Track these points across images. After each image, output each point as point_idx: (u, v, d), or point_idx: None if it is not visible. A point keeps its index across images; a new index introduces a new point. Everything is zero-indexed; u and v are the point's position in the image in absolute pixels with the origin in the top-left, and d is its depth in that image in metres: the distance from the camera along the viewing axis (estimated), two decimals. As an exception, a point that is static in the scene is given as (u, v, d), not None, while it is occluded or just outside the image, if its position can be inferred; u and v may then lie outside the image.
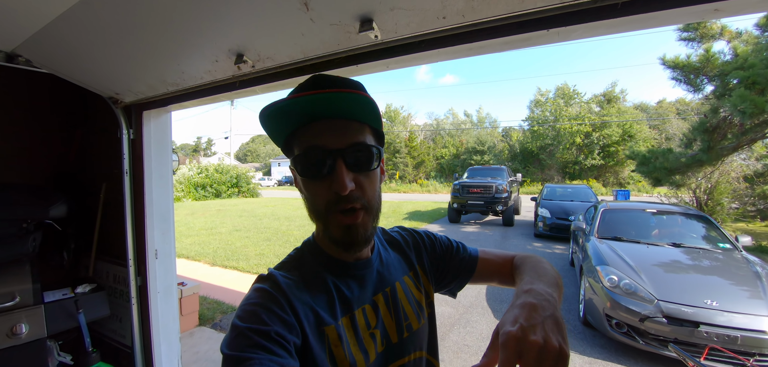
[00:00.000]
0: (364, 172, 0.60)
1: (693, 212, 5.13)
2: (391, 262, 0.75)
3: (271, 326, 0.51)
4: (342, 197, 0.57)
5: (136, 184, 2.19)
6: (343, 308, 0.63)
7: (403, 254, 0.80)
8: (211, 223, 11.35)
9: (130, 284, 2.20)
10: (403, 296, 0.72)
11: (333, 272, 0.65)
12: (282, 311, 0.54)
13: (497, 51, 1.12)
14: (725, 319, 2.95)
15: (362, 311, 0.65)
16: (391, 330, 0.67)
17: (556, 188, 11.22)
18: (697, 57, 6.39)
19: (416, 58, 1.20)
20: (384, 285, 0.70)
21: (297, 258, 0.68)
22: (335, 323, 0.60)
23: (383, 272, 0.72)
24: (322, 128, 0.57)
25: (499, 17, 0.91)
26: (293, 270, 0.64)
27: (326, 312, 0.60)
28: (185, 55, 1.42)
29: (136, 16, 1.18)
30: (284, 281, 0.59)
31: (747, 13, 0.90)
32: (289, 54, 1.27)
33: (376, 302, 0.67)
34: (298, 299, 0.58)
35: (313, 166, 0.58)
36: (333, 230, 0.60)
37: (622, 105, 32.72)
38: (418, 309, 0.73)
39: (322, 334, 0.58)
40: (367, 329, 0.64)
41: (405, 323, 0.69)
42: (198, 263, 6.43)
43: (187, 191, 22.99)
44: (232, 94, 1.72)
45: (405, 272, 0.77)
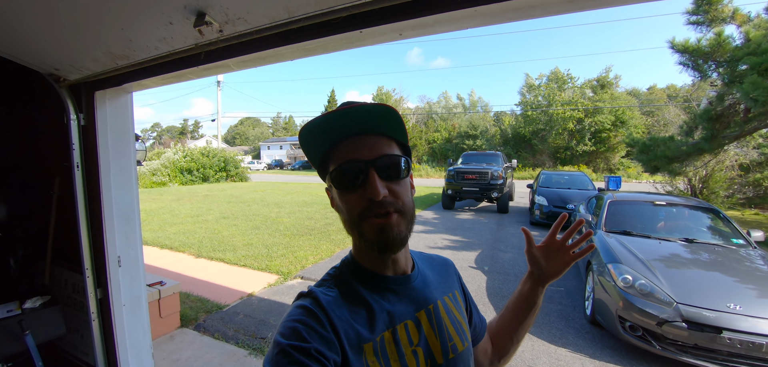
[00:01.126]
0: (395, 181, 0.61)
1: (703, 205, 4.93)
2: (432, 280, 0.74)
3: (311, 343, 0.53)
4: (375, 203, 0.58)
5: (90, 179, 1.82)
6: (384, 324, 0.62)
7: (443, 275, 0.80)
8: (197, 209, 10.90)
9: (89, 298, 1.85)
10: (445, 315, 0.70)
11: (372, 287, 0.65)
12: (322, 328, 0.55)
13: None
14: (750, 325, 2.75)
15: (405, 326, 0.64)
16: (436, 350, 0.65)
17: (552, 175, 11.02)
18: (708, 41, 6.11)
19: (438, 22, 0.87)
20: (427, 302, 0.69)
21: (336, 276, 0.67)
22: (373, 339, 0.59)
23: (425, 289, 0.70)
24: (355, 144, 0.61)
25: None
26: (333, 287, 0.64)
27: (365, 328, 0.60)
28: (128, 16, 1.05)
29: None
30: (324, 298, 0.60)
31: None
32: (268, 12, 0.92)
33: (419, 319, 0.66)
34: (337, 316, 0.58)
35: (348, 178, 0.61)
36: (367, 233, 0.60)
37: (615, 91, 32.66)
38: (461, 331, 0.71)
39: (361, 350, 0.58)
40: (409, 346, 0.62)
41: (450, 343, 0.67)
42: (182, 254, 6.06)
43: (173, 176, 22.29)
44: (199, 70, 1.36)
45: (446, 292, 0.76)
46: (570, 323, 3.88)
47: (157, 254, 6.05)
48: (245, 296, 4.32)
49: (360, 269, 0.66)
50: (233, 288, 4.51)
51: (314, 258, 5.81)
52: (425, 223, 9.60)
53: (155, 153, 27.78)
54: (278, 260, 5.65)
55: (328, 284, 0.66)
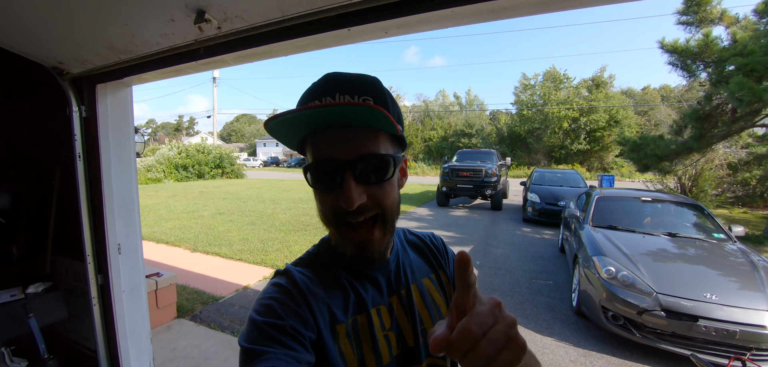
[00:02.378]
0: (377, 184, 0.56)
1: (688, 201, 5.08)
2: (409, 263, 0.73)
3: (287, 320, 0.52)
4: (350, 211, 0.54)
5: (91, 169, 1.89)
6: (357, 307, 0.62)
7: (424, 257, 0.77)
8: (193, 205, 10.94)
9: (90, 283, 1.92)
10: (419, 299, 0.69)
11: (349, 270, 0.64)
12: (297, 306, 0.55)
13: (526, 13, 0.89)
14: (725, 313, 2.88)
15: (377, 311, 0.63)
16: (408, 334, 0.65)
17: (545, 172, 11.18)
18: (696, 42, 6.25)
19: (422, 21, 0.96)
20: (400, 287, 0.68)
21: (314, 255, 0.67)
22: (346, 322, 0.59)
23: (400, 273, 0.69)
24: (333, 138, 0.55)
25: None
26: (309, 267, 0.63)
27: (340, 310, 0.59)
28: (132, 13, 1.13)
29: None
30: (300, 277, 0.60)
31: None
32: (263, 11, 1.01)
33: (392, 304, 0.66)
34: (313, 296, 0.58)
35: (322, 179, 0.56)
36: (345, 246, 0.59)
37: (610, 91, 32.96)
38: (437, 314, 0.70)
39: (335, 331, 0.57)
40: (381, 330, 0.62)
41: (421, 327, 0.66)
42: (178, 249, 6.12)
43: (168, 172, 22.22)
44: (198, 64, 1.44)
45: (425, 274, 0.74)
46: (557, 315, 4.01)
47: (154, 248, 6.11)
48: (241, 288, 4.40)
49: (337, 253, 0.65)
50: (229, 281, 4.59)
51: (309, 252, 5.91)
52: (420, 219, 9.72)
53: (150, 149, 27.65)
54: (273, 254, 5.74)
55: (305, 263, 0.65)
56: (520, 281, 5.04)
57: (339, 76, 0.57)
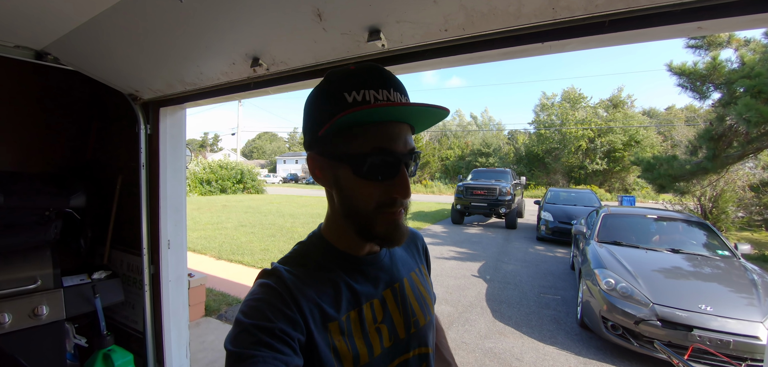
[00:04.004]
0: (411, 176, 0.62)
1: (694, 219, 5.16)
2: (399, 257, 0.76)
3: (276, 322, 0.51)
4: (396, 200, 0.57)
5: (151, 177, 2.30)
6: (350, 303, 0.62)
7: (411, 250, 0.82)
8: (217, 218, 11.51)
9: (144, 272, 2.31)
10: (410, 291, 0.72)
11: (341, 267, 0.64)
12: (286, 308, 0.54)
13: (495, 60, 1.21)
14: (719, 324, 3.00)
15: (370, 305, 0.64)
16: (399, 326, 0.67)
17: (559, 192, 11.24)
18: (704, 65, 6.40)
19: (419, 66, 1.29)
20: (393, 280, 0.70)
21: (302, 253, 0.66)
22: (339, 318, 0.59)
23: (392, 267, 0.72)
24: (391, 132, 0.57)
25: (497, 31, 0.99)
26: (298, 265, 0.62)
27: (331, 307, 0.59)
28: (204, 58, 1.52)
29: (161, 20, 1.28)
30: (288, 277, 0.58)
31: (726, 31, 0.98)
32: (302, 59, 1.36)
33: (385, 297, 0.67)
34: (302, 295, 0.57)
35: (381, 169, 0.56)
36: (379, 227, 0.59)
37: (629, 110, 32.50)
38: (424, 305, 0.73)
39: (327, 328, 0.57)
40: (373, 323, 0.63)
41: (412, 318, 0.69)
42: (204, 256, 6.56)
43: (193, 186, 23.22)
44: (245, 94, 1.82)
45: (412, 268, 0.78)
46: (561, 326, 4.16)
47: (183, 255, 6.58)
48: (263, 292, 4.75)
49: (329, 248, 0.65)
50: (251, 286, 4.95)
51: (326, 262, 6.22)
52: (434, 236, 9.92)
53: (176, 165, 28.92)
54: (293, 262, 6.09)
55: (293, 261, 0.64)
56: (528, 295, 5.19)
57: (384, 71, 0.60)
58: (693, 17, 0.87)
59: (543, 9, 0.88)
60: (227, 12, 1.17)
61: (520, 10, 0.90)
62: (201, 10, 1.19)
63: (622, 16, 0.88)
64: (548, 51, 1.09)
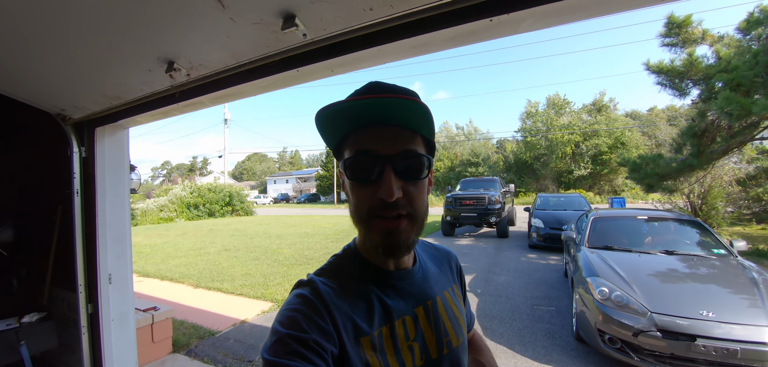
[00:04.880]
0: (412, 181, 0.59)
1: (685, 218, 5.02)
2: (432, 275, 0.74)
3: (310, 333, 0.52)
4: (387, 204, 0.56)
5: (87, 204, 2.05)
6: (382, 318, 0.61)
7: (445, 268, 0.80)
8: (200, 243, 11.12)
9: (80, 312, 2.04)
10: (443, 310, 0.70)
11: (373, 280, 0.64)
12: (320, 319, 0.55)
13: (444, 48, 1.02)
14: (723, 331, 2.79)
15: (402, 322, 0.63)
16: (431, 345, 0.65)
17: (548, 197, 11.14)
18: (681, 61, 6.40)
19: (359, 59, 1.10)
20: (425, 298, 0.68)
21: (336, 265, 0.67)
22: (371, 333, 0.59)
23: (425, 284, 0.70)
24: (374, 134, 0.57)
25: (430, 6, 0.80)
26: (332, 278, 0.63)
27: (364, 322, 0.59)
28: (116, 66, 1.31)
29: (57, 25, 1.08)
30: (323, 288, 0.59)
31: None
32: (221, 59, 1.16)
33: (417, 314, 0.65)
34: (336, 307, 0.57)
35: (362, 171, 0.58)
36: (373, 234, 0.59)
37: (613, 113, 33.03)
38: (457, 326, 0.71)
39: (359, 343, 0.57)
40: (405, 341, 0.62)
41: (445, 339, 0.67)
42: (181, 285, 6.22)
43: (180, 211, 22.72)
44: (179, 106, 1.61)
45: (446, 286, 0.76)
46: (556, 341, 3.93)
47: (158, 286, 6.23)
48: (238, 322, 4.45)
49: (362, 261, 0.66)
50: (227, 315, 4.64)
51: (309, 285, 5.93)
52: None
53: (163, 190, 28.43)
54: (274, 288, 5.79)
55: (328, 273, 0.65)
56: (520, 308, 4.96)
57: (382, 82, 0.60)
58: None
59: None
60: (118, 6, 0.97)
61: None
62: (92, 10, 0.99)
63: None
64: (500, 32, 0.90)
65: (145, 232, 15.34)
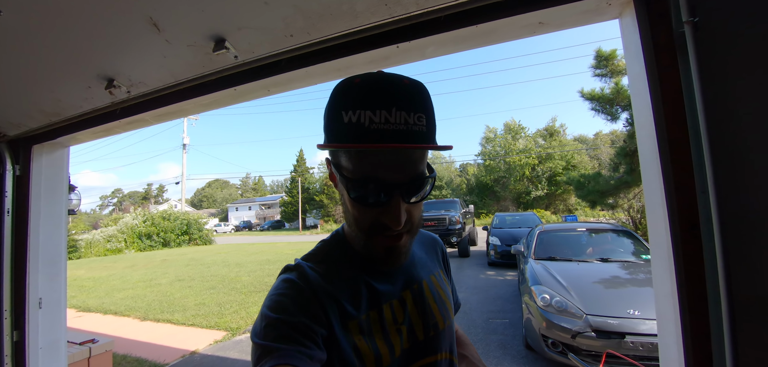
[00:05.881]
0: (415, 203, 0.58)
1: (620, 229, 5.52)
2: (419, 259, 0.74)
3: (299, 317, 0.52)
4: (392, 228, 0.56)
5: (19, 224, 1.97)
6: (370, 303, 0.61)
7: (430, 253, 0.80)
8: (151, 274, 10.46)
9: (4, 339, 1.91)
10: (429, 294, 0.70)
11: (361, 264, 0.64)
12: (308, 303, 0.55)
13: (365, 71, 1.17)
14: (648, 327, 3.09)
15: (390, 306, 0.63)
16: (418, 327, 0.65)
17: (505, 216, 11.72)
18: (610, 89, 7.19)
19: (291, 80, 1.22)
20: (412, 282, 0.68)
21: (324, 251, 0.67)
22: (359, 317, 0.59)
23: (412, 268, 0.70)
24: (385, 158, 0.53)
25: (342, 34, 0.95)
26: (319, 262, 0.63)
27: (351, 306, 0.59)
28: (53, 82, 1.34)
29: None
30: (311, 273, 0.59)
31: (568, 28, 1.02)
32: (160, 77, 1.24)
33: (404, 298, 0.66)
34: (323, 292, 0.57)
35: (369, 196, 0.55)
36: (374, 249, 0.59)
37: (563, 138, 35.54)
38: (443, 309, 0.71)
39: (347, 327, 0.57)
40: (393, 324, 0.62)
41: (431, 321, 0.67)
42: (127, 319, 5.82)
43: (131, 242, 21.24)
44: (120, 124, 1.64)
45: (432, 270, 0.76)
46: (507, 351, 4.11)
47: (99, 320, 5.78)
48: (188, 353, 4.24)
49: (351, 248, 0.66)
50: (176, 347, 4.42)
51: (267, 310, 5.76)
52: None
53: (112, 219, 26.52)
54: (229, 316, 5.58)
55: (315, 258, 0.65)
56: (476, 322, 5.14)
57: (391, 84, 0.54)
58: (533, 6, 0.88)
59: (376, 7, 0.85)
60: (56, 22, 1.03)
61: (355, 9, 0.86)
62: (27, 25, 1.04)
63: (459, 8, 0.87)
64: (409, 57, 1.06)
65: (89, 264, 14.18)
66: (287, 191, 48.36)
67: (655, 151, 0.88)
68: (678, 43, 0.84)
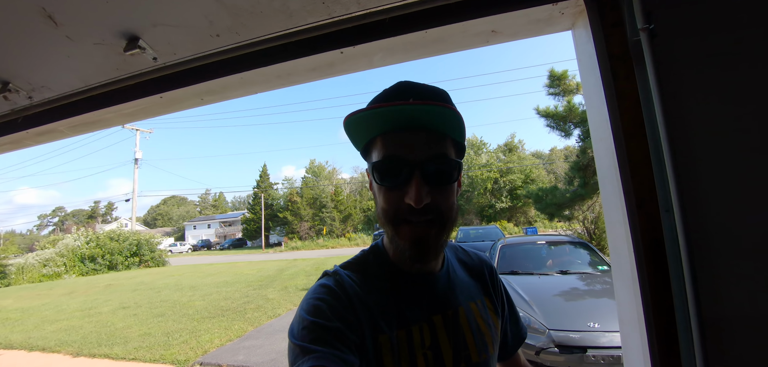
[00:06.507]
0: (440, 186, 0.58)
1: (577, 241, 5.72)
2: (459, 283, 0.71)
3: (333, 321, 0.53)
4: (415, 210, 0.55)
5: None
6: (400, 321, 0.60)
7: (475, 278, 0.76)
8: (92, 302, 9.47)
9: None
10: (465, 322, 0.66)
11: (396, 281, 0.63)
12: (344, 309, 0.55)
13: (309, 79, 1.05)
14: (607, 339, 3.12)
15: (419, 328, 0.61)
16: (447, 356, 0.62)
17: (469, 230, 11.92)
18: (563, 107, 7.61)
19: (226, 87, 1.07)
20: (447, 307, 0.65)
21: (362, 261, 0.67)
22: (390, 334, 0.58)
23: (448, 292, 0.67)
24: (403, 138, 0.57)
25: (279, 34, 0.83)
26: (358, 272, 0.63)
27: (383, 320, 0.58)
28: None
29: None
30: (347, 281, 0.60)
31: (520, 38, 0.96)
32: (67, 82, 1.05)
33: (435, 322, 0.63)
34: (359, 300, 0.58)
35: (390, 176, 0.57)
36: (401, 240, 0.58)
37: (522, 153, 37.33)
38: (480, 341, 0.67)
39: (377, 341, 0.57)
40: (421, 347, 0.60)
41: (463, 352, 0.63)
42: (56, 355, 5.15)
43: (71, 265, 19.31)
44: (28, 135, 1.40)
45: (473, 297, 0.71)
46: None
47: (24, 359, 5.07)
48: (128, 391, 3.79)
49: (387, 260, 0.65)
50: (113, 385, 3.93)
51: (221, 341, 5.34)
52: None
53: (50, 240, 24.03)
54: (177, 347, 5.10)
55: (353, 267, 0.65)
56: (442, 338, 5.06)
57: (412, 84, 0.60)
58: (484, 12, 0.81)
59: (313, 5, 0.74)
60: None
61: (288, 7, 0.74)
62: None
63: (405, 10, 0.78)
64: (354, 65, 0.96)
65: (18, 293, 12.66)
66: (249, 208, 46.51)
67: (613, 166, 0.83)
68: (634, 52, 0.80)
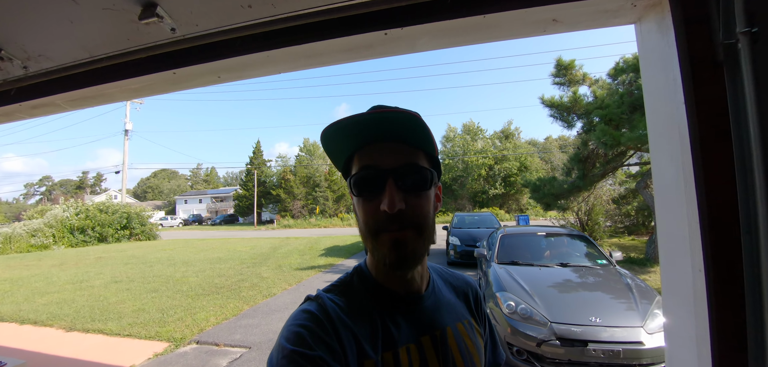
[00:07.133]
0: (415, 194, 0.59)
1: (575, 233, 5.73)
2: (445, 303, 0.70)
3: (316, 350, 0.52)
4: (391, 216, 0.56)
5: None
6: (386, 344, 0.59)
7: (461, 298, 0.76)
8: (83, 274, 9.35)
9: None
10: (454, 343, 0.66)
11: (380, 303, 0.63)
12: (327, 336, 0.54)
13: (341, 60, 0.94)
14: (608, 334, 3.14)
15: (407, 350, 0.61)
16: None
17: (464, 216, 11.92)
18: (568, 98, 7.53)
19: (247, 65, 0.96)
20: (434, 327, 0.65)
21: (346, 284, 0.66)
22: (375, 358, 0.57)
23: (436, 312, 0.67)
24: (377, 150, 0.59)
25: (319, 9, 0.72)
26: (341, 295, 0.62)
27: (368, 345, 0.58)
28: None
29: None
30: (330, 305, 0.59)
31: (582, 28, 0.87)
32: (68, 51, 0.93)
33: (423, 344, 0.62)
34: (343, 326, 0.57)
35: (366, 187, 0.59)
36: (380, 247, 0.58)
37: (518, 141, 37.35)
38: (469, 362, 0.66)
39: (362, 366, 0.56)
40: None
41: None
42: (49, 329, 5.06)
43: (60, 237, 19.04)
44: (21, 108, 1.27)
45: (460, 318, 0.71)
46: (471, 354, 4.07)
47: (14, 332, 4.98)
48: (123, 369, 3.74)
49: (371, 282, 0.65)
50: (107, 363, 3.87)
51: (216, 319, 5.30)
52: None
53: (38, 211, 23.61)
54: (172, 324, 5.04)
55: (336, 290, 0.64)
56: (439, 324, 5.08)
57: (384, 105, 0.61)
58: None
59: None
60: None
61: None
62: None
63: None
64: (397, 48, 0.85)
65: (7, 262, 12.46)
66: (242, 184, 46.14)
67: (680, 177, 0.75)
68: (725, 55, 0.71)
